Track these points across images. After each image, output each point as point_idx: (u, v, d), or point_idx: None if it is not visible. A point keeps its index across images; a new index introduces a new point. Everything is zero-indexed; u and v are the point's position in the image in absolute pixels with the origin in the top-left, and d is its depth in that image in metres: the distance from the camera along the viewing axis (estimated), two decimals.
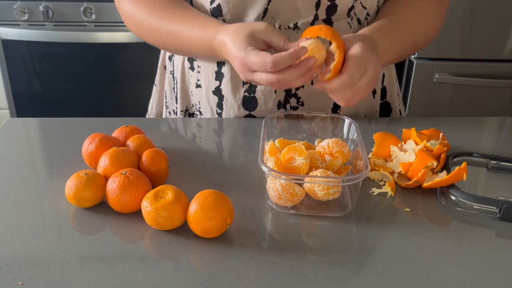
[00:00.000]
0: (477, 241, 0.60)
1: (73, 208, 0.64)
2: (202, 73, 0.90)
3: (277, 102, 0.87)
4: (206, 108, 0.92)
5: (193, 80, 0.92)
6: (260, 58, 0.66)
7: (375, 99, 0.94)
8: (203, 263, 0.55)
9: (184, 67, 0.93)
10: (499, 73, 1.81)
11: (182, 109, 0.96)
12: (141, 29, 0.87)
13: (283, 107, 0.88)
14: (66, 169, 0.71)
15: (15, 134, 0.85)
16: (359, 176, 0.61)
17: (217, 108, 0.90)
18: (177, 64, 0.95)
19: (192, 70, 0.91)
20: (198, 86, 0.91)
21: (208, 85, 0.90)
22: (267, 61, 0.66)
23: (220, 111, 0.91)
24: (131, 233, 0.60)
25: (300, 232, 0.61)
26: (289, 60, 0.66)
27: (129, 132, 0.75)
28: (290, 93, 0.87)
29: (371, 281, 0.53)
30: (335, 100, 0.71)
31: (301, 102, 0.87)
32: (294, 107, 0.88)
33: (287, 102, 0.87)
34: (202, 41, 0.79)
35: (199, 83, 0.91)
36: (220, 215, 0.57)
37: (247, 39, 0.70)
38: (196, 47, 0.81)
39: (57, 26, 1.86)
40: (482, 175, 0.75)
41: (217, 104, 0.90)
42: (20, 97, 1.98)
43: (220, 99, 0.89)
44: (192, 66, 0.91)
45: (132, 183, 0.61)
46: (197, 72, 0.91)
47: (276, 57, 0.65)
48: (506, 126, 0.96)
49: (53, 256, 0.55)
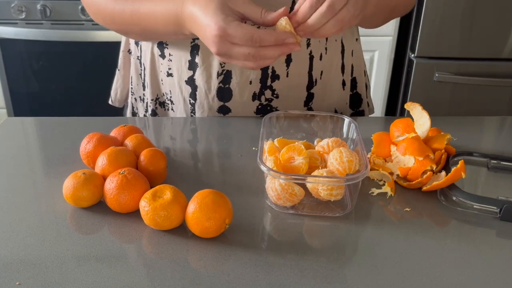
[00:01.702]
0: (477, 241, 0.60)
1: (71, 208, 0.63)
2: (174, 62, 0.87)
3: (252, 93, 0.87)
4: (178, 97, 0.90)
5: (164, 68, 0.89)
6: (246, 31, 0.63)
7: (345, 91, 0.95)
8: (201, 263, 0.55)
9: (153, 54, 0.90)
10: (499, 72, 1.81)
11: (153, 97, 0.93)
12: (105, 17, 0.83)
13: (258, 99, 0.87)
14: (64, 168, 0.71)
15: (13, 134, 0.85)
16: (359, 175, 0.61)
17: (190, 98, 0.89)
18: (145, 50, 0.91)
19: (163, 58, 0.88)
20: (170, 75, 0.89)
21: (180, 75, 0.87)
22: (253, 35, 0.62)
23: (193, 101, 0.89)
24: (129, 233, 0.59)
25: (300, 232, 0.61)
26: (274, 41, 0.64)
27: (127, 131, 0.75)
28: (266, 85, 0.86)
29: (370, 281, 0.53)
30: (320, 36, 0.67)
31: (276, 94, 0.87)
32: (268, 99, 0.88)
33: (262, 94, 0.87)
34: (167, 15, 0.74)
35: (171, 71, 0.88)
36: (218, 215, 0.56)
37: (222, 8, 0.65)
38: (161, 22, 0.76)
39: (54, 24, 1.85)
40: (482, 174, 0.74)
41: (190, 94, 0.88)
42: (18, 96, 1.98)
43: (193, 89, 0.87)
44: (162, 54, 0.88)
45: (130, 183, 0.61)
46: (168, 61, 0.88)
47: (264, 33, 0.63)
48: (507, 125, 0.96)
49: (50, 256, 0.55)
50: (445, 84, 1.83)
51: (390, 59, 2.00)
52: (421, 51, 1.81)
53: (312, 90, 0.89)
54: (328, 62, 0.89)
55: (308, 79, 0.88)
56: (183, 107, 0.91)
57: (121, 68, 1.02)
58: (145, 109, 0.98)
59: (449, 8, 1.75)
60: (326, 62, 0.89)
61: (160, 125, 0.90)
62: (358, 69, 0.97)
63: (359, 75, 0.98)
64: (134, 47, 0.96)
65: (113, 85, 1.05)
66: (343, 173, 0.64)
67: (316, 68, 0.88)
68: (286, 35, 0.64)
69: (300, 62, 0.86)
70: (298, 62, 0.86)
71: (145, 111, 0.97)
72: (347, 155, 0.65)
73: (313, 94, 0.90)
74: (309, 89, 0.89)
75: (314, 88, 0.89)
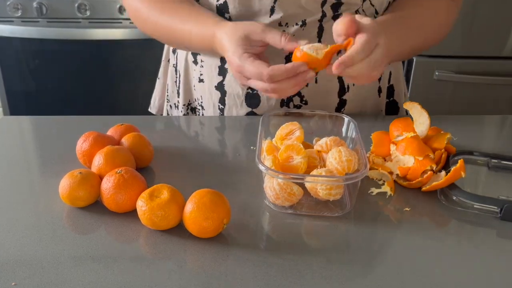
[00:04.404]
0: (478, 241, 0.60)
1: (67, 208, 0.63)
2: (205, 68, 0.89)
3: (280, 100, 0.87)
4: (208, 103, 0.91)
5: (196, 74, 0.91)
6: (256, 69, 0.67)
7: (381, 98, 0.94)
8: (199, 264, 0.54)
9: (187, 60, 0.92)
10: (500, 70, 1.81)
11: (185, 103, 0.95)
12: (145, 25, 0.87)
13: (286, 105, 0.87)
14: (60, 168, 0.70)
15: (9, 133, 0.84)
16: (358, 175, 0.60)
17: (219, 103, 0.90)
18: (180, 57, 0.94)
19: (196, 64, 0.91)
20: (201, 81, 0.91)
21: (211, 80, 0.89)
22: (263, 73, 0.66)
23: (222, 107, 0.90)
24: (126, 233, 0.59)
25: (298, 232, 0.60)
26: (285, 75, 0.66)
27: (124, 130, 0.74)
28: None
29: (370, 282, 0.52)
30: (355, 81, 0.70)
31: (305, 101, 0.87)
32: (297, 105, 0.87)
33: (290, 100, 0.87)
34: (202, 38, 0.79)
35: (202, 77, 0.91)
36: (216, 215, 0.56)
37: (243, 42, 0.70)
38: (196, 43, 0.81)
39: (51, 22, 1.84)
40: (483, 174, 0.74)
41: (220, 100, 0.89)
42: (14, 95, 1.97)
43: (222, 95, 0.89)
44: (195, 60, 0.91)
45: (127, 182, 0.60)
46: (200, 67, 0.90)
47: (273, 70, 0.66)
48: (507, 124, 0.96)
49: (47, 256, 0.54)
50: (446, 83, 1.82)
51: None
52: None
53: (344, 96, 0.88)
54: None
55: (340, 85, 0.87)
56: (212, 112, 0.92)
57: (161, 77, 1.05)
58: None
59: None
60: None
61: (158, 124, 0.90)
62: (396, 76, 0.96)
63: (396, 82, 0.96)
64: (172, 55, 0.99)
65: (153, 93, 1.08)
66: (342, 172, 0.64)
67: None
68: (296, 67, 0.66)
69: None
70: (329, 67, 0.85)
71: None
72: (346, 154, 0.64)
73: (346, 101, 0.89)
74: (340, 95, 0.88)
75: (346, 95, 0.88)
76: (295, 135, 0.70)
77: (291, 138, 0.70)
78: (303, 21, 0.80)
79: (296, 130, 0.71)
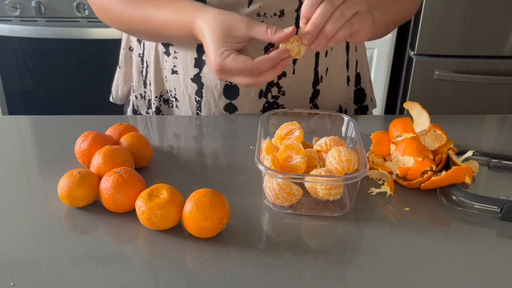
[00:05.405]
0: (478, 241, 0.59)
1: (66, 208, 0.63)
2: (180, 60, 0.87)
3: (259, 90, 0.87)
4: (183, 95, 0.90)
5: (168, 66, 0.89)
6: (240, 66, 0.66)
7: (349, 87, 0.95)
8: (198, 264, 0.54)
9: (157, 51, 0.90)
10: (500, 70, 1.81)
11: (156, 95, 0.93)
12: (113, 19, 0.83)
13: (265, 96, 0.87)
14: (59, 168, 0.70)
15: (7, 132, 0.84)
16: (357, 175, 0.60)
17: (196, 95, 0.88)
18: (148, 47, 0.91)
19: (167, 56, 0.88)
20: (174, 72, 0.89)
21: (186, 72, 0.87)
22: (250, 68, 0.65)
23: (199, 99, 0.89)
24: (125, 233, 0.59)
25: (298, 232, 0.60)
26: (271, 64, 0.66)
27: (123, 130, 0.74)
28: (272, 82, 0.87)
29: (369, 282, 0.52)
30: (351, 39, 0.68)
31: (282, 92, 0.87)
32: (275, 96, 0.88)
33: (268, 91, 0.87)
34: (180, 27, 0.75)
35: (176, 69, 0.88)
36: (216, 215, 0.56)
37: (225, 37, 0.67)
38: (174, 31, 0.77)
39: (49, 22, 1.84)
40: (483, 174, 0.74)
41: (196, 92, 0.88)
42: (12, 94, 1.96)
43: (199, 87, 0.88)
44: (167, 51, 0.88)
45: (126, 182, 0.60)
46: (174, 58, 0.88)
47: (259, 62, 0.65)
48: (507, 124, 0.95)
49: (45, 256, 0.54)
50: (445, 82, 1.82)
51: (390, 57, 1.99)
52: (421, 48, 1.80)
53: (318, 86, 0.90)
54: (333, 58, 0.90)
55: (314, 75, 0.88)
56: (188, 104, 0.90)
57: (122, 66, 1.02)
58: (147, 106, 0.97)
59: (449, 5, 1.74)
60: (331, 59, 0.89)
61: (157, 124, 0.90)
62: (362, 64, 0.97)
63: (362, 70, 0.98)
64: (136, 44, 0.96)
65: (114, 83, 1.05)
66: (341, 172, 0.64)
67: (322, 64, 0.88)
68: (281, 55, 0.66)
69: (306, 59, 0.86)
70: (304, 59, 0.85)
71: (147, 108, 0.97)
72: (346, 154, 0.64)
73: (319, 91, 0.90)
74: (315, 86, 0.89)
75: (320, 85, 0.90)
76: (295, 134, 0.70)
77: (290, 137, 0.70)
78: (281, 11, 0.80)
79: (295, 130, 0.71)
